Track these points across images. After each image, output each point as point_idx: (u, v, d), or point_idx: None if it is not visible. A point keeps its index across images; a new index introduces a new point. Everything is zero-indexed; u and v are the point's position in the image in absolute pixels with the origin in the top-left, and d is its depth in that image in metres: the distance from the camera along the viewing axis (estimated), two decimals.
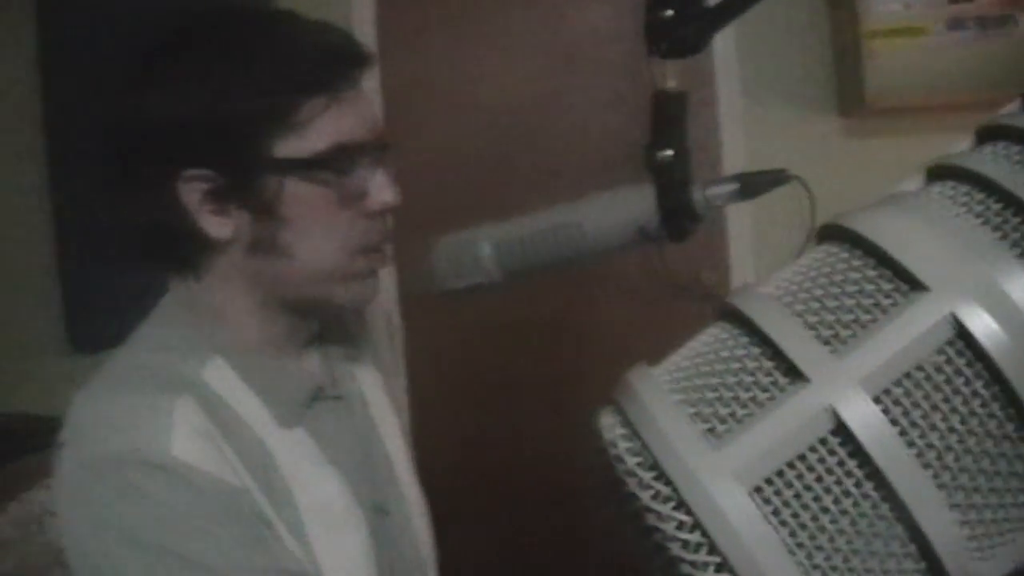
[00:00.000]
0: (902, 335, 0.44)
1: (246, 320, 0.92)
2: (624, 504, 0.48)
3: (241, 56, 0.86)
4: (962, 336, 0.43)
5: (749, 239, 2.68)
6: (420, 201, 2.14)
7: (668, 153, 0.78)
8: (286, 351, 0.95)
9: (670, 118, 0.79)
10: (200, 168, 0.85)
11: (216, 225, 0.87)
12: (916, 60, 2.45)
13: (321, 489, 0.92)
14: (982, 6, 2.43)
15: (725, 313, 0.52)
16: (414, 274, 0.85)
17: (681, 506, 0.45)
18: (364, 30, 2.64)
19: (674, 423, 0.46)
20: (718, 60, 2.64)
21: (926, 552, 0.43)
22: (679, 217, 0.78)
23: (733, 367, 0.48)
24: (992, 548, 0.45)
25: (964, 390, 0.43)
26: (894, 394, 0.44)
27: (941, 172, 0.51)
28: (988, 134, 0.51)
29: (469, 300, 0.85)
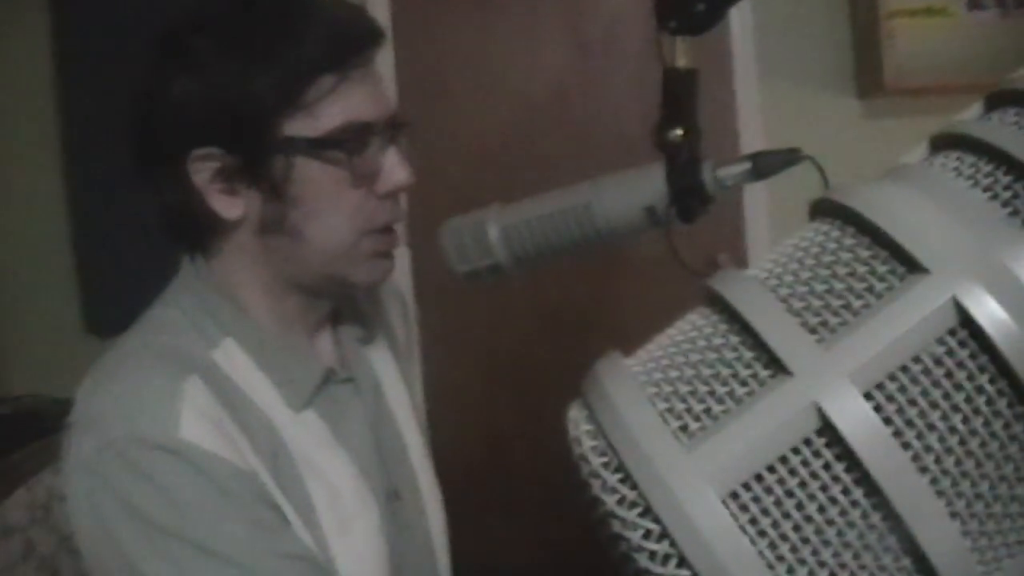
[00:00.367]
0: (897, 323, 0.40)
1: (257, 301, 0.93)
2: (591, 507, 0.44)
3: (250, 35, 0.87)
4: (965, 324, 0.40)
5: (766, 222, 2.67)
6: (438, 188, 2.16)
7: (678, 132, 0.78)
8: (297, 333, 0.96)
9: (680, 96, 0.79)
10: (210, 147, 0.86)
11: (226, 205, 0.88)
12: (936, 41, 2.46)
13: (332, 472, 0.92)
14: None
15: (707, 298, 0.47)
16: (434, 258, 0.86)
17: (648, 513, 0.41)
18: (378, 13, 2.62)
19: (643, 420, 0.42)
20: (735, 40, 2.64)
21: (922, 567, 0.39)
22: (689, 197, 0.78)
23: (710, 358, 0.44)
24: (998, 562, 0.41)
25: (967, 385, 0.40)
26: (888, 389, 0.40)
27: (946, 141, 0.46)
28: (998, 100, 0.46)
29: (483, 285, 0.85)
